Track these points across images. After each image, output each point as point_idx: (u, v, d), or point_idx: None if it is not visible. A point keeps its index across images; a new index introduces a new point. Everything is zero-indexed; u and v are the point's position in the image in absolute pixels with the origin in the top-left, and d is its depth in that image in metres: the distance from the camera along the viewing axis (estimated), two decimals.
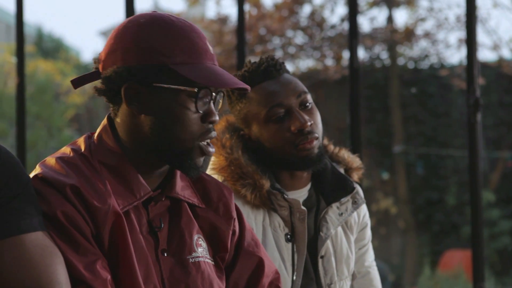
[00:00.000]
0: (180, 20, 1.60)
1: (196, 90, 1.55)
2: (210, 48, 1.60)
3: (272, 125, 2.03)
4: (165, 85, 1.55)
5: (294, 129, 2.01)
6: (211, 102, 1.59)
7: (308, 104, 2.05)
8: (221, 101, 1.64)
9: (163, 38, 1.56)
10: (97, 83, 1.63)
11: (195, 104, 1.56)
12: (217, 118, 1.60)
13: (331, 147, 2.19)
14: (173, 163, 1.59)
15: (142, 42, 1.56)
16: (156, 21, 1.58)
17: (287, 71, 2.10)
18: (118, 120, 1.62)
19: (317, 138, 2.03)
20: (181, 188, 1.66)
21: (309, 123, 2.01)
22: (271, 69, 2.05)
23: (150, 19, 1.59)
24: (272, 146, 2.03)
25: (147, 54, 1.55)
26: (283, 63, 2.10)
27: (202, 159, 1.60)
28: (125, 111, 1.60)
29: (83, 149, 1.60)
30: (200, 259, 1.63)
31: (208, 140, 1.60)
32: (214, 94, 1.59)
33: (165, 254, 1.60)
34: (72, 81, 1.67)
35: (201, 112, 1.57)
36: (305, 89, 2.06)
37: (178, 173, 1.66)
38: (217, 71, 1.57)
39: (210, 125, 1.59)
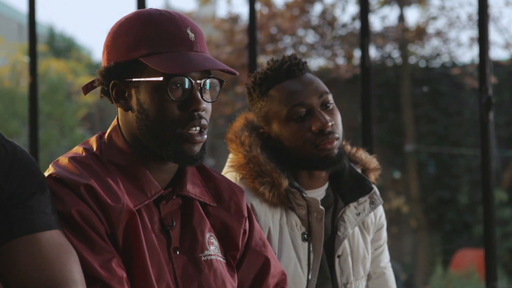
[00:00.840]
0: (160, 13, 1.60)
1: (162, 78, 1.55)
2: (191, 35, 1.58)
3: (293, 124, 2.02)
4: (139, 79, 1.57)
5: (315, 129, 2.00)
6: (195, 89, 1.57)
7: (329, 104, 2.04)
8: (217, 88, 1.62)
9: (135, 32, 1.58)
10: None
11: (167, 92, 1.55)
12: (200, 105, 1.57)
13: (348, 147, 2.19)
14: (163, 155, 1.59)
15: (119, 40, 1.59)
16: (134, 17, 1.61)
17: (310, 71, 2.09)
18: (119, 119, 1.65)
19: (337, 139, 2.03)
20: (192, 186, 1.66)
21: (330, 123, 2.00)
22: (293, 68, 2.05)
23: (130, 17, 1.62)
24: (292, 145, 2.03)
25: (122, 51, 1.58)
26: (305, 62, 2.09)
27: (195, 147, 1.58)
28: (119, 110, 1.64)
29: (95, 149, 1.62)
30: (213, 257, 1.64)
31: (197, 128, 1.58)
32: (199, 81, 1.57)
33: (178, 252, 1.61)
34: (82, 88, 1.69)
35: (175, 99, 1.56)
36: (327, 89, 2.06)
37: (189, 171, 1.67)
38: (189, 56, 1.56)
39: (195, 113, 1.57)
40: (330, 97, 2.06)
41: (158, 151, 1.59)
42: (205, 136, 1.60)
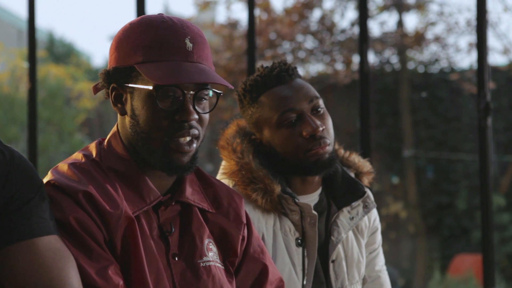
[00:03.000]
0: (163, 20, 1.60)
1: (151, 88, 1.56)
2: (189, 44, 1.59)
3: (284, 130, 2.02)
4: (134, 85, 1.58)
5: (306, 134, 2.01)
6: (186, 100, 1.57)
7: (320, 109, 2.05)
8: (213, 100, 1.62)
9: (134, 39, 1.59)
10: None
11: (156, 101, 1.56)
12: (190, 116, 1.56)
13: (342, 151, 2.19)
14: (151, 163, 1.59)
15: (120, 45, 1.60)
16: (136, 24, 1.61)
17: (300, 76, 2.09)
18: (118, 124, 1.66)
19: (329, 144, 2.03)
20: (191, 193, 1.67)
21: (321, 128, 2.01)
22: (283, 74, 2.05)
23: (133, 22, 1.63)
24: (284, 151, 2.03)
25: (121, 56, 1.59)
26: (295, 68, 2.10)
27: (183, 157, 1.58)
28: (118, 114, 1.65)
29: (94, 155, 1.63)
30: (211, 263, 1.64)
31: (186, 138, 1.58)
32: (192, 92, 1.57)
33: (176, 259, 1.61)
34: (93, 88, 1.70)
35: (164, 109, 1.56)
36: (317, 94, 2.06)
37: (188, 178, 1.67)
38: (181, 67, 1.56)
39: (184, 123, 1.57)
40: (321, 102, 2.06)
41: (147, 158, 1.60)
42: (195, 146, 1.59)
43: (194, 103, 1.58)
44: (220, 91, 1.63)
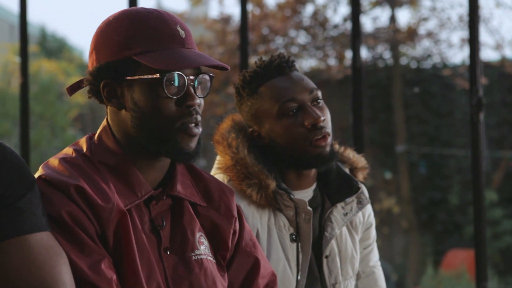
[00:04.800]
0: (148, 11, 1.61)
1: (158, 75, 1.56)
2: (182, 32, 1.60)
3: (285, 121, 2.02)
4: (133, 77, 1.57)
5: (307, 124, 2.00)
6: (189, 85, 1.58)
7: (319, 100, 2.06)
8: (208, 84, 1.63)
9: (125, 31, 1.58)
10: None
11: (163, 89, 1.56)
12: (195, 101, 1.58)
13: (337, 147, 2.19)
14: (161, 151, 1.59)
15: (108, 38, 1.59)
16: (122, 16, 1.61)
17: (297, 70, 2.10)
18: (109, 119, 1.64)
19: (329, 135, 2.04)
20: (183, 186, 1.67)
21: (322, 118, 2.01)
22: (283, 65, 2.06)
23: (117, 15, 1.62)
24: (285, 142, 2.03)
25: (114, 49, 1.58)
26: (294, 61, 2.10)
27: (191, 144, 1.59)
28: (110, 109, 1.64)
29: (85, 150, 1.62)
30: (203, 256, 1.64)
31: (193, 123, 1.59)
32: (192, 77, 1.59)
33: (168, 252, 1.61)
34: (67, 89, 1.69)
35: (171, 96, 1.57)
36: (316, 87, 2.07)
37: (179, 172, 1.67)
38: (182, 53, 1.57)
39: (191, 109, 1.58)
40: (320, 94, 2.07)
41: (154, 148, 1.59)
42: (200, 129, 1.61)
43: (195, 88, 1.59)
44: (213, 75, 1.64)
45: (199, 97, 1.60)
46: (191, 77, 1.59)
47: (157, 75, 1.56)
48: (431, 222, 13.09)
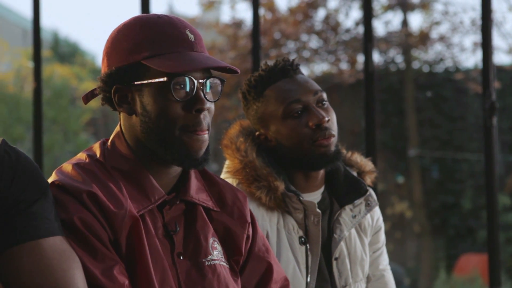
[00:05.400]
0: (158, 16, 1.61)
1: (166, 79, 1.55)
2: (191, 36, 1.59)
3: (290, 121, 2.04)
4: (142, 81, 1.57)
5: (312, 125, 2.02)
6: (198, 89, 1.57)
7: (324, 102, 2.07)
8: (219, 88, 1.61)
9: (134, 36, 1.58)
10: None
11: (171, 92, 1.55)
12: (204, 105, 1.57)
13: (344, 151, 2.20)
14: (168, 157, 1.59)
15: (119, 44, 1.59)
16: (132, 22, 1.61)
17: (302, 73, 2.12)
18: (121, 125, 1.65)
19: (334, 136, 2.05)
20: (196, 191, 1.66)
21: (326, 119, 2.02)
22: (288, 68, 2.08)
23: (128, 22, 1.62)
24: (290, 143, 2.04)
25: (123, 55, 1.58)
26: (298, 64, 2.12)
27: (200, 150, 1.58)
28: (123, 115, 1.64)
29: (98, 155, 1.62)
30: (216, 262, 1.64)
31: (201, 127, 1.57)
32: (201, 80, 1.58)
33: (181, 257, 1.61)
34: (83, 98, 1.69)
35: (179, 100, 1.56)
36: (321, 88, 2.09)
37: (193, 176, 1.67)
38: (190, 56, 1.57)
39: (198, 113, 1.57)
40: (325, 96, 2.08)
41: (162, 154, 1.59)
42: (208, 138, 1.60)
43: (205, 92, 1.58)
44: (224, 79, 1.63)
45: (209, 101, 1.60)
46: (201, 81, 1.58)
47: (165, 79, 1.55)
48: (443, 227, 13.04)
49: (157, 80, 1.56)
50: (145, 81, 1.57)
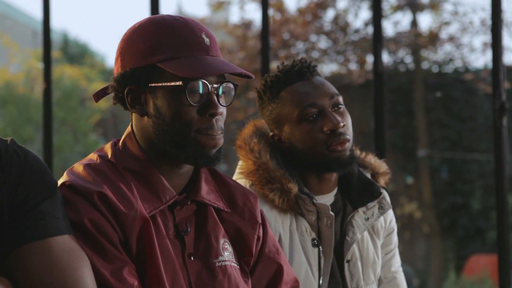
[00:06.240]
0: (174, 18, 1.62)
1: (181, 83, 1.56)
2: (206, 39, 1.60)
3: (304, 125, 2.03)
4: (157, 84, 1.57)
5: (326, 130, 2.01)
6: (212, 93, 1.58)
7: (340, 105, 2.06)
8: (232, 92, 1.62)
9: (151, 38, 1.58)
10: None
11: (186, 97, 1.56)
12: (218, 109, 1.58)
13: (358, 152, 2.19)
14: (181, 157, 1.59)
15: (134, 45, 1.60)
16: (148, 23, 1.61)
17: (319, 74, 2.11)
18: (133, 125, 1.65)
19: (348, 140, 2.04)
20: (207, 192, 1.67)
21: (341, 124, 2.01)
22: (304, 70, 2.06)
23: (143, 22, 1.63)
24: (304, 146, 2.03)
25: (138, 56, 1.58)
26: (316, 65, 2.11)
27: (212, 150, 1.59)
28: (134, 116, 1.64)
29: (109, 156, 1.63)
30: (227, 263, 1.64)
31: (214, 131, 1.58)
32: (216, 85, 1.59)
33: (192, 258, 1.61)
34: (94, 95, 1.70)
35: (193, 104, 1.57)
36: (337, 92, 2.07)
37: (203, 177, 1.67)
38: (206, 61, 1.57)
39: (212, 117, 1.58)
40: (341, 99, 2.07)
41: (175, 155, 1.60)
42: (222, 140, 1.61)
43: (219, 96, 1.59)
44: (237, 83, 1.64)
45: (222, 106, 1.60)
46: (215, 85, 1.59)
47: (180, 83, 1.56)
48: (453, 227, 13.00)
49: (172, 83, 1.57)
50: (160, 84, 1.57)
